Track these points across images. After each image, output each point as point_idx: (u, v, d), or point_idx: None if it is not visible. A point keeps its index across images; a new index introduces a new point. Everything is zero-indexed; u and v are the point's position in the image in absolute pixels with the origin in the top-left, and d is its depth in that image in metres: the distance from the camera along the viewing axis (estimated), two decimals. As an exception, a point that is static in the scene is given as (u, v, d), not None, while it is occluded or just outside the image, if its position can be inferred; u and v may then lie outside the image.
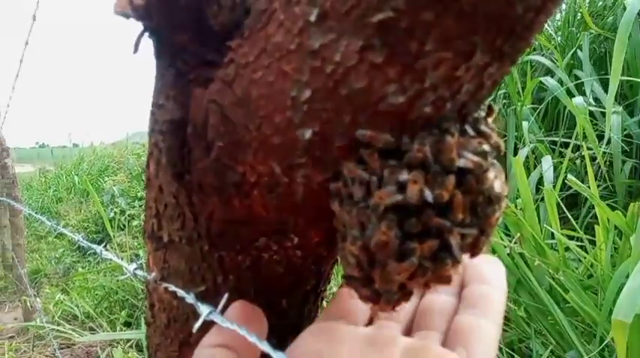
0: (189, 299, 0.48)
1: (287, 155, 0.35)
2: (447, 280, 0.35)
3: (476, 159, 0.33)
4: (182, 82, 0.38)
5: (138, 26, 0.39)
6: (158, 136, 0.41)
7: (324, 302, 0.54)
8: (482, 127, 0.35)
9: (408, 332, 0.46)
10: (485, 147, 0.34)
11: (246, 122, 0.35)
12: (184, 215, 0.45)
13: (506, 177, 0.39)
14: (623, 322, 0.80)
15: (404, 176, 0.32)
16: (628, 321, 0.80)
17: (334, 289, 1.41)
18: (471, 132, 0.34)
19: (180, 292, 0.49)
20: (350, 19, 0.30)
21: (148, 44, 0.42)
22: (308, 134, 0.33)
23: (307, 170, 0.35)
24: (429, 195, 0.32)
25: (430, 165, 0.33)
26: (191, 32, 0.37)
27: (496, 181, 0.35)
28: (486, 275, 0.45)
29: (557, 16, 2.53)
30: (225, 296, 0.45)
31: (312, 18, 0.31)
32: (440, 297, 0.46)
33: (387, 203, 0.32)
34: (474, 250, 0.35)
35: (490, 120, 0.36)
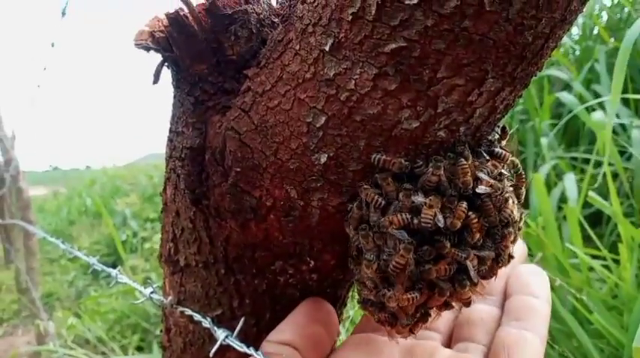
0: (206, 323, 0.48)
1: (303, 179, 0.36)
2: (467, 303, 0.35)
3: (492, 181, 0.33)
4: (201, 109, 0.39)
5: (150, 54, 0.41)
6: (177, 162, 0.42)
7: (341, 326, 0.54)
8: (497, 149, 0.36)
9: (449, 342, 0.44)
10: (501, 170, 0.35)
11: (262, 148, 0.36)
12: (201, 239, 0.45)
13: (526, 195, 0.39)
14: None
15: (419, 199, 0.33)
16: None
17: (350, 313, 1.40)
18: (485, 154, 0.35)
19: (197, 316, 0.49)
20: (364, 49, 0.31)
21: (164, 72, 0.43)
22: (324, 158, 0.34)
23: (323, 194, 0.36)
24: (440, 222, 0.32)
25: (445, 189, 0.33)
26: (209, 62, 0.38)
27: (512, 204, 0.35)
28: (532, 286, 0.43)
29: (575, 30, 2.55)
30: (242, 320, 0.46)
31: (327, 47, 0.32)
32: (481, 307, 0.44)
33: (396, 233, 0.33)
34: (490, 273, 0.35)
35: (504, 142, 0.37)
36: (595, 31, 2.41)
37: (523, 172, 0.38)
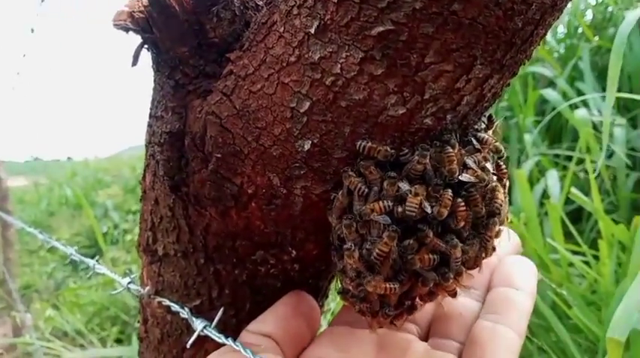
0: (184, 313, 0.47)
1: (286, 166, 0.35)
2: (452, 293, 0.34)
3: (478, 171, 0.33)
4: (181, 93, 0.38)
5: (135, 38, 0.39)
6: (156, 148, 0.41)
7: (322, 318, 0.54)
8: (480, 134, 0.35)
9: (427, 336, 0.43)
10: (487, 162, 0.34)
11: (244, 133, 0.35)
12: (180, 228, 0.44)
13: (509, 191, 0.38)
14: (618, 340, 0.80)
15: (404, 186, 0.32)
16: (622, 340, 0.79)
17: (332, 305, 1.40)
18: (472, 143, 0.34)
19: (175, 306, 0.48)
20: (350, 31, 0.30)
21: (145, 56, 0.42)
22: (307, 145, 0.33)
23: (306, 181, 0.35)
24: (428, 208, 0.32)
25: (431, 178, 0.32)
26: (191, 44, 0.37)
27: (497, 194, 0.34)
28: (515, 278, 0.41)
29: (559, 28, 2.57)
30: (221, 311, 0.45)
31: (312, 30, 0.31)
32: (462, 301, 0.42)
33: (378, 218, 0.32)
34: (474, 263, 0.35)
35: (490, 131, 0.36)
36: (579, 30, 2.43)
37: (505, 164, 0.37)
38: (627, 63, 2.06)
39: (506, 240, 0.42)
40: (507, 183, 0.38)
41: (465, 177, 0.33)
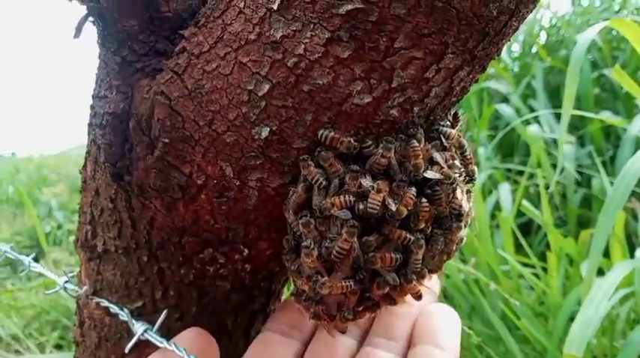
0: (124, 315, 0.43)
1: (240, 155, 0.32)
2: (416, 296, 0.32)
3: (445, 167, 0.31)
4: (128, 71, 0.35)
5: (80, 9, 0.36)
6: (97, 131, 0.37)
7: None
8: (443, 128, 0.33)
9: None
10: (455, 160, 0.33)
11: (196, 117, 0.32)
12: (122, 221, 0.40)
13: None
14: (575, 357, 0.81)
15: (367, 182, 0.30)
16: (579, 355, 0.80)
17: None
18: (439, 139, 0.32)
19: (114, 308, 0.44)
20: (316, 9, 0.28)
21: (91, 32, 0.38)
22: (265, 133, 0.31)
23: (262, 173, 0.32)
24: (392, 205, 0.30)
25: (395, 172, 0.30)
26: (141, 18, 0.34)
27: (460, 194, 0.33)
28: (439, 335, 0.38)
29: (515, 47, 2.67)
30: (164, 313, 0.41)
31: (275, 6, 0.28)
32: (383, 355, 0.39)
33: (339, 213, 0.30)
34: (437, 266, 0.33)
35: (455, 129, 0.35)
36: (534, 49, 2.53)
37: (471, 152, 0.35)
38: (578, 83, 2.15)
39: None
40: (475, 169, 0.36)
41: (430, 174, 0.31)
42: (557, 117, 2.05)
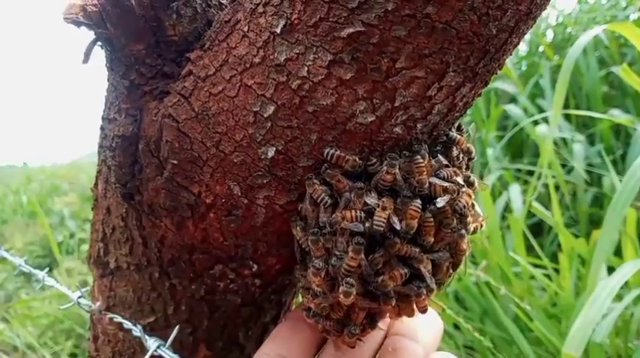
0: (137, 331, 0.44)
1: (248, 175, 0.32)
2: (423, 309, 0.32)
3: (446, 183, 0.31)
4: (136, 94, 0.35)
5: (88, 34, 0.37)
6: (107, 153, 0.38)
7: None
8: (452, 134, 0.34)
9: None
10: (458, 176, 0.33)
11: (203, 138, 0.33)
12: (133, 239, 0.41)
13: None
14: (573, 356, 0.80)
15: (372, 199, 0.30)
16: (578, 355, 0.80)
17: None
18: (441, 156, 0.33)
19: (127, 323, 0.44)
20: (318, 32, 0.28)
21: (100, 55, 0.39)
22: (271, 152, 0.31)
23: (269, 191, 0.33)
24: (397, 224, 0.30)
25: (401, 189, 0.31)
26: (148, 42, 0.34)
27: (468, 206, 0.33)
28: (417, 330, 0.38)
29: (522, 46, 2.66)
30: (176, 328, 0.42)
31: (278, 30, 0.29)
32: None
33: (350, 226, 0.30)
34: (445, 278, 0.33)
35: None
36: (540, 48, 2.52)
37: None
38: (585, 82, 2.13)
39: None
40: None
41: (440, 202, 0.31)
42: (567, 116, 2.04)
